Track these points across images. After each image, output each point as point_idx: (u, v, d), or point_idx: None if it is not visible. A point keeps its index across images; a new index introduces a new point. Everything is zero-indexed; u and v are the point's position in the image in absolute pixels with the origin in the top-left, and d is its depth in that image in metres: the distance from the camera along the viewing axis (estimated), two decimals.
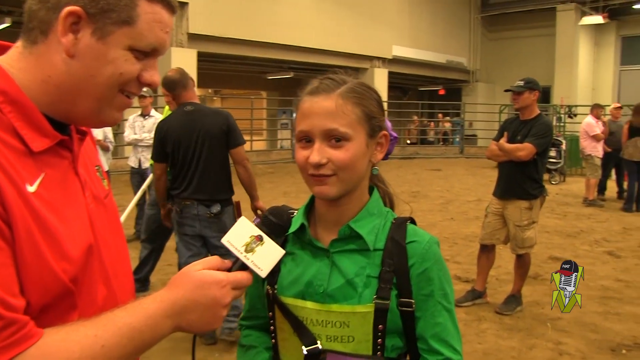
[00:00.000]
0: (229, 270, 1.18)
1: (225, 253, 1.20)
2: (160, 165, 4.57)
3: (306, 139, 1.35)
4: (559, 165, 15.29)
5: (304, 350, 1.36)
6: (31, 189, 1.00)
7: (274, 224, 1.25)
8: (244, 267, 1.19)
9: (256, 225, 1.22)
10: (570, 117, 21.02)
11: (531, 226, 5.33)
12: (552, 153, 14.21)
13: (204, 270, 1.14)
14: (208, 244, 4.60)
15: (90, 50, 1.05)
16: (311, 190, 1.39)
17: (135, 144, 7.96)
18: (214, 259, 1.18)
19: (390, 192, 1.54)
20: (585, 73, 26.37)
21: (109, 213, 1.24)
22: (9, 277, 0.93)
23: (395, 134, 1.49)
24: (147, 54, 1.11)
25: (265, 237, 1.20)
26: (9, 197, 0.95)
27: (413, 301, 1.37)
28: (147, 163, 7.56)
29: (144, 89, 5.49)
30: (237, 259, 1.19)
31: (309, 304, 1.38)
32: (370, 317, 1.34)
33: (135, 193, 7.60)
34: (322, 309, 1.37)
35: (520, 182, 5.30)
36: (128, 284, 1.28)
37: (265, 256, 1.19)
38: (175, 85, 4.58)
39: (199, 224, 4.51)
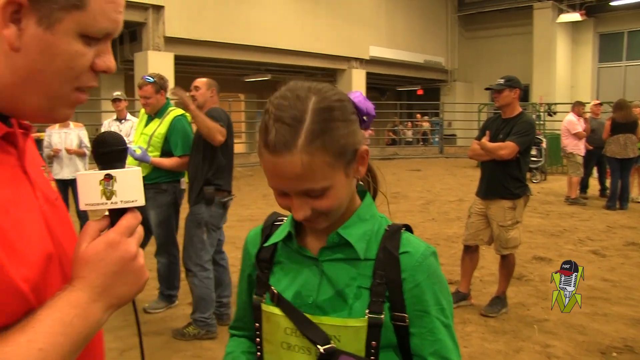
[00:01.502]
0: (112, 225, 1.02)
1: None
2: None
3: (280, 191, 1.23)
4: (539, 164, 15.32)
5: (320, 349, 1.25)
6: None
7: (106, 153, 1.05)
8: (121, 211, 1.03)
9: (97, 170, 1.05)
10: (550, 115, 21.11)
11: (515, 226, 5.24)
12: (533, 152, 14.14)
13: (93, 242, 0.98)
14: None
15: (37, 42, 0.91)
16: None
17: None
18: (90, 227, 1.01)
19: (374, 173, 1.44)
20: (563, 71, 26.56)
21: (62, 216, 1.10)
22: None
23: (372, 112, 1.32)
24: (99, 39, 0.97)
25: (112, 172, 1.03)
26: None
27: (406, 316, 1.27)
28: None
29: (118, 93, 5.36)
30: (108, 210, 1.04)
31: None
32: (363, 332, 1.25)
33: None
34: (313, 321, 1.28)
35: (503, 181, 5.21)
36: None
37: (127, 188, 1.03)
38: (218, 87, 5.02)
39: (226, 215, 4.90)
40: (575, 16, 24.97)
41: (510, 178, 5.21)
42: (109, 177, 1.02)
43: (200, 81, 4.90)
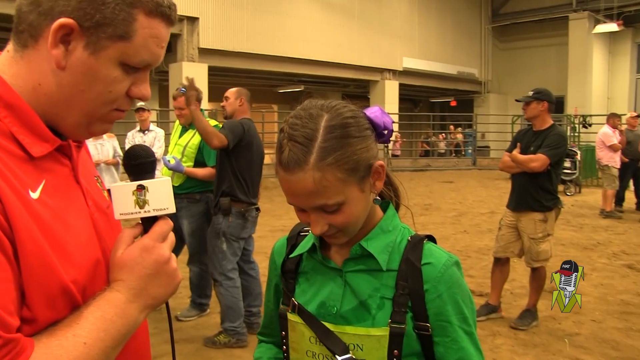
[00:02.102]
0: (145, 231, 1.10)
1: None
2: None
3: (299, 207, 1.28)
4: (573, 176, 15.10)
5: (338, 358, 1.29)
6: (34, 195, 0.96)
7: (137, 165, 1.13)
8: (153, 219, 1.11)
9: (128, 182, 1.12)
10: (584, 127, 20.80)
11: (546, 239, 5.20)
12: (567, 164, 14.04)
13: (128, 248, 1.07)
14: (246, 242, 4.96)
15: (81, 64, 0.99)
16: None
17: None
18: (125, 234, 1.10)
19: (396, 187, 1.45)
20: (599, 82, 26.17)
21: (112, 222, 1.19)
22: (6, 295, 0.88)
23: (391, 127, 1.33)
24: (139, 69, 1.06)
25: (144, 182, 1.11)
26: (11, 205, 0.90)
27: (429, 325, 1.29)
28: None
29: (141, 103, 5.43)
30: (141, 219, 1.12)
31: None
32: (385, 341, 1.28)
33: None
34: (336, 330, 1.31)
35: (534, 193, 5.19)
36: None
37: (159, 197, 1.11)
38: (249, 97, 5.03)
39: (251, 226, 4.89)
40: (612, 26, 24.54)
41: (541, 190, 5.18)
42: (141, 188, 1.10)
43: (230, 91, 5.00)
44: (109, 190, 1.21)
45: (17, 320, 0.90)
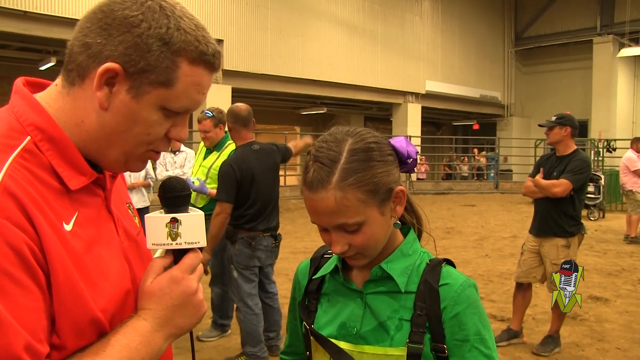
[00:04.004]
0: (175, 262, 1.14)
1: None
2: (229, 206, 4.56)
3: (322, 227, 1.34)
4: (597, 201, 14.94)
5: None
6: (67, 227, 1.00)
7: (172, 198, 1.17)
8: (184, 251, 1.15)
9: (162, 213, 1.16)
10: (609, 151, 20.61)
11: None
12: (591, 188, 13.90)
13: (157, 278, 1.11)
14: (261, 272, 4.85)
15: (123, 106, 1.04)
16: None
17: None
18: (155, 264, 1.13)
19: (419, 214, 1.50)
20: (624, 106, 25.96)
21: (141, 250, 1.23)
22: (38, 323, 0.92)
23: (415, 156, 1.39)
24: (179, 113, 1.10)
25: (177, 216, 1.14)
26: (47, 238, 0.94)
27: (445, 347, 1.32)
28: None
29: None
30: (173, 250, 1.15)
31: (342, 344, 1.37)
32: None
33: None
34: (355, 349, 1.35)
35: (556, 219, 5.16)
36: None
37: (191, 230, 1.14)
38: (237, 119, 4.73)
39: (264, 254, 4.74)
40: (638, 50, 24.39)
41: (564, 216, 5.16)
42: (174, 221, 1.14)
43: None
44: (139, 211, 1.26)
45: (47, 347, 0.93)
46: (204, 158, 5.52)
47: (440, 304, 1.33)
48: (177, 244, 1.14)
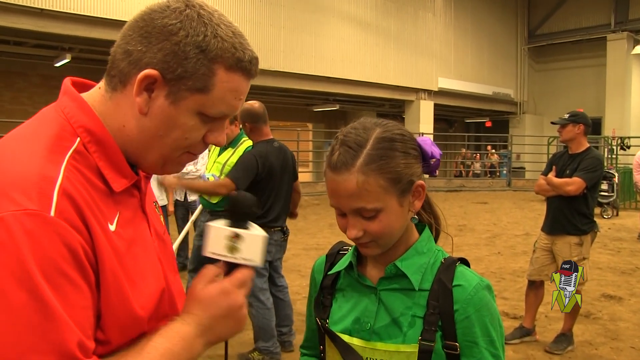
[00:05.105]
0: (226, 273, 1.19)
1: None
2: (234, 188, 4.58)
3: (339, 212, 1.37)
4: (611, 199, 14.86)
5: None
6: (112, 227, 1.04)
7: (240, 214, 1.21)
8: (237, 265, 1.19)
9: (226, 225, 1.20)
10: (623, 149, 20.48)
11: (581, 262, 5.14)
12: (604, 186, 13.84)
13: (209, 286, 1.15)
14: (270, 266, 4.94)
15: (161, 112, 1.08)
16: None
17: (180, 177, 8.04)
18: (210, 271, 1.18)
19: (437, 214, 1.54)
20: (638, 103, 25.72)
21: (168, 249, 1.28)
22: (87, 320, 0.96)
23: (438, 157, 1.44)
24: (215, 118, 1.13)
25: (240, 232, 1.18)
26: (97, 238, 0.99)
27: (457, 344, 1.35)
28: (193, 196, 7.60)
29: None
30: (228, 263, 1.19)
31: (355, 341, 1.40)
32: (414, 357, 1.34)
33: (178, 225, 7.64)
34: (367, 346, 1.38)
35: (569, 217, 5.16)
36: None
37: (250, 248, 1.19)
38: (258, 118, 4.83)
39: (275, 248, 4.86)
40: None
41: (577, 214, 5.16)
42: (236, 235, 1.18)
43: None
44: (162, 208, 1.30)
45: (93, 343, 0.98)
46: (219, 154, 5.55)
47: (453, 305, 1.36)
48: (233, 258, 1.18)
